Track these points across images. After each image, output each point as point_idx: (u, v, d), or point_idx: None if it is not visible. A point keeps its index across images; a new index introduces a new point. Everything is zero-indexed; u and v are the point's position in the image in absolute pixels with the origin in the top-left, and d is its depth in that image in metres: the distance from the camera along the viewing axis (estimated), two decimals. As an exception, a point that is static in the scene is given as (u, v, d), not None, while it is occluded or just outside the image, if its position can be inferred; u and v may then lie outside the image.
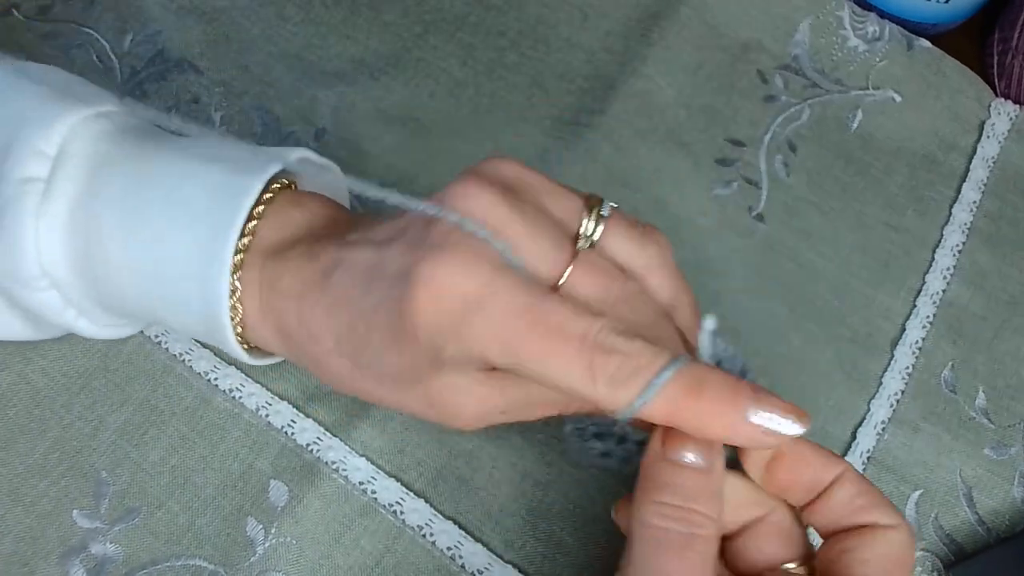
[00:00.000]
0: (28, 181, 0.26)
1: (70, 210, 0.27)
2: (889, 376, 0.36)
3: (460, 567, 0.32)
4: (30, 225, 0.26)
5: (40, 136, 0.27)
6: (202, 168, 0.27)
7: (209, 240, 0.26)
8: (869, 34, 0.43)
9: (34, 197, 0.26)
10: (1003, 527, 0.34)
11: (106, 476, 0.33)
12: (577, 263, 0.25)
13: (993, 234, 0.40)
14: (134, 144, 0.28)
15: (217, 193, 0.26)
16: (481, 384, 0.25)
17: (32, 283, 0.27)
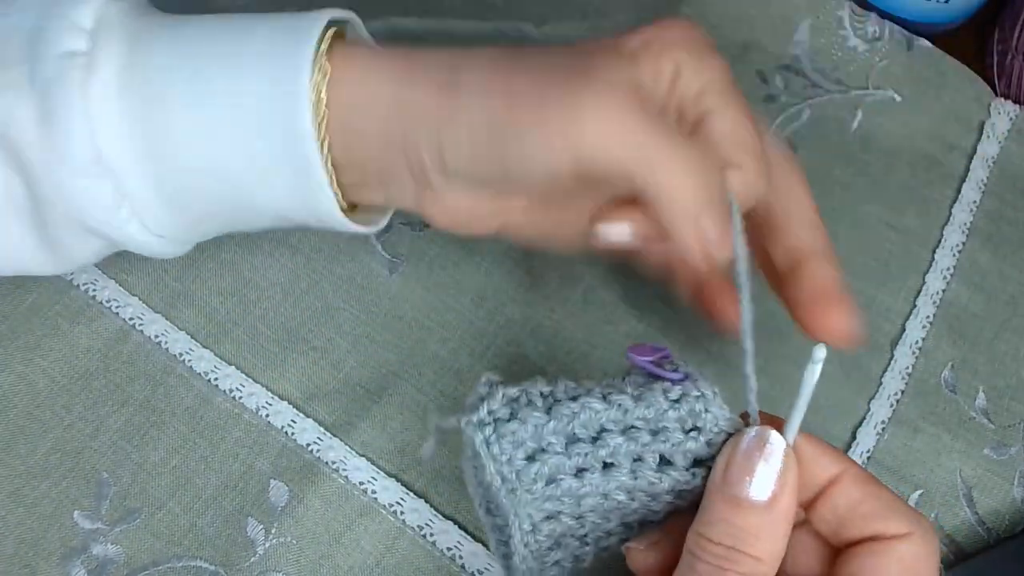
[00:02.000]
0: (69, 55, 0.25)
1: (120, 79, 0.25)
2: (889, 376, 0.36)
3: (460, 567, 0.32)
4: (77, 101, 0.25)
5: (72, 11, 0.25)
6: (253, 22, 0.26)
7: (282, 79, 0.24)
8: (869, 34, 0.43)
9: (78, 71, 0.25)
10: (1003, 527, 0.34)
11: (107, 477, 0.33)
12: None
13: (993, 234, 0.40)
14: (170, 17, 0.27)
15: (277, 42, 0.25)
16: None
17: (85, 168, 0.25)
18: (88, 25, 0.25)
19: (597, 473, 0.23)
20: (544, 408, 0.23)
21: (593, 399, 0.23)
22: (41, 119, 0.25)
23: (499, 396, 0.23)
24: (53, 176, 0.26)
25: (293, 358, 0.35)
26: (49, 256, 0.29)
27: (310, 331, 0.35)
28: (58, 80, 0.25)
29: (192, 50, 0.25)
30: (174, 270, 0.36)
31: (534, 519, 0.23)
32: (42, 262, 0.30)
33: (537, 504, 0.23)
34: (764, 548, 0.21)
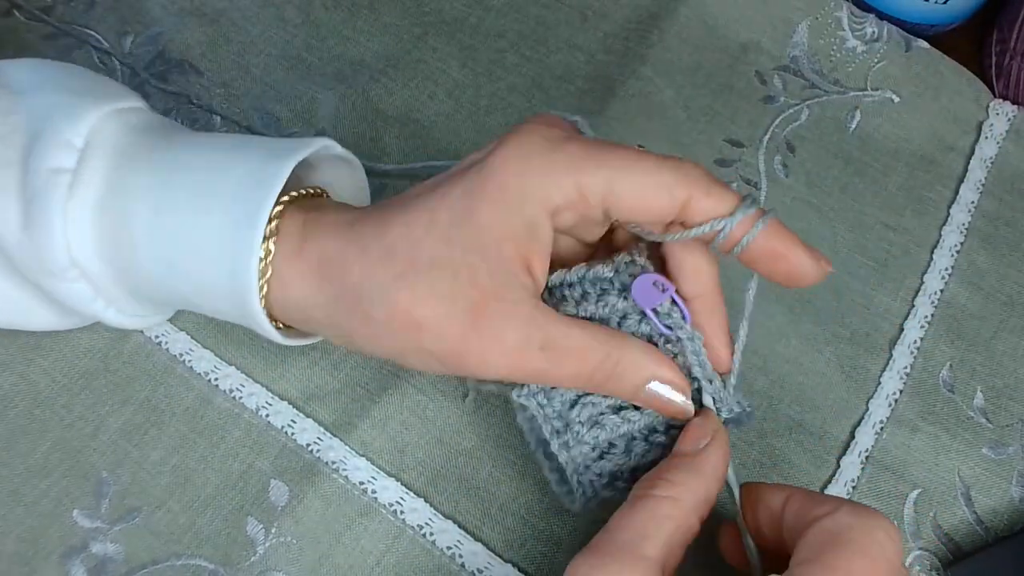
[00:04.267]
0: (56, 172, 0.27)
1: (98, 200, 0.27)
2: (887, 376, 0.36)
3: (460, 566, 0.32)
4: (58, 215, 0.27)
5: (68, 128, 0.27)
6: (228, 158, 0.27)
7: (238, 224, 0.26)
8: (867, 35, 0.43)
9: (62, 188, 0.27)
10: (1001, 526, 0.34)
11: (107, 476, 0.33)
12: None
13: (991, 234, 0.40)
14: (159, 137, 0.29)
15: (244, 180, 0.27)
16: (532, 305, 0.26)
17: (61, 273, 0.28)
18: (79, 144, 0.27)
19: (631, 410, 0.28)
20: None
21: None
22: (25, 224, 0.27)
23: None
24: (34, 274, 0.28)
25: (293, 358, 0.35)
26: (62, 319, 0.32)
27: (310, 331, 0.36)
28: (43, 193, 0.27)
29: (161, 184, 0.28)
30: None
31: (587, 461, 0.28)
32: (56, 324, 0.32)
33: (587, 448, 0.28)
34: (680, 476, 0.26)
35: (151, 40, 0.41)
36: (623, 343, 0.27)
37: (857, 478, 0.34)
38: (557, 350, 0.26)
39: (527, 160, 0.25)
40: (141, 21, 0.42)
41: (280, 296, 0.27)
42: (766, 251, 0.26)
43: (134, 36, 0.41)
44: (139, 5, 0.42)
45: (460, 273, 0.25)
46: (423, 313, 0.25)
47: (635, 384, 0.27)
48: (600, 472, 0.28)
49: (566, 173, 0.25)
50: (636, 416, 0.28)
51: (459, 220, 0.25)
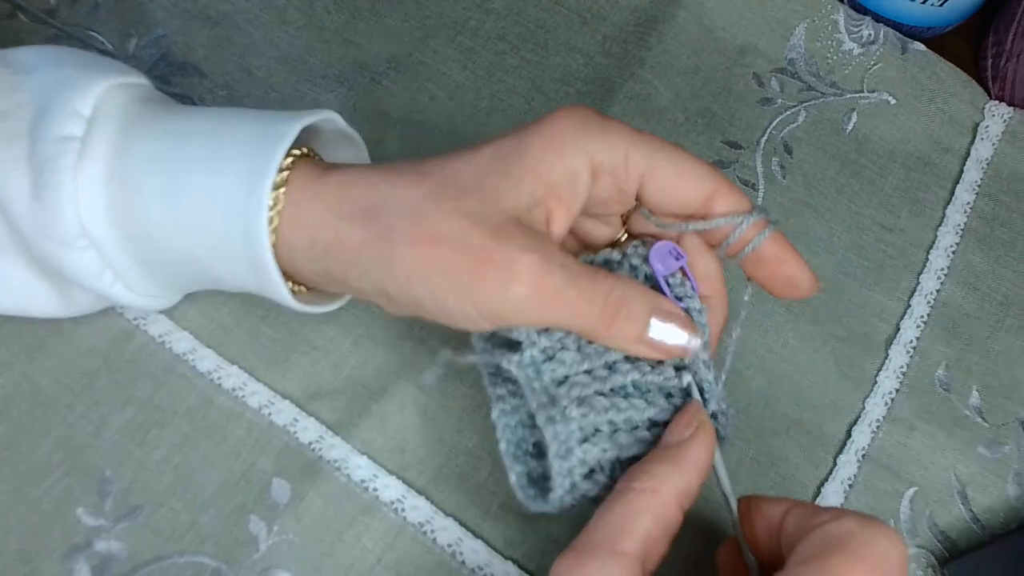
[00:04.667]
0: (65, 140, 0.27)
1: (107, 166, 0.28)
2: (884, 375, 0.37)
3: (460, 563, 0.32)
4: (68, 182, 0.27)
5: (76, 98, 0.28)
6: (235, 122, 0.28)
7: (248, 178, 0.26)
8: (864, 38, 0.44)
9: (71, 155, 0.27)
10: (997, 524, 0.34)
11: (110, 474, 0.33)
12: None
13: (986, 235, 0.40)
14: (165, 107, 0.29)
15: (252, 140, 0.27)
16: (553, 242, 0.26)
17: (71, 242, 0.28)
18: (87, 113, 0.28)
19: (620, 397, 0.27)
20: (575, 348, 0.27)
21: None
22: (33, 194, 0.27)
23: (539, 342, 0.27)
24: (41, 244, 0.28)
25: (295, 358, 0.35)
26: (60, 300, 0.32)
27: (312, 331, 0.36)
28: (53, 161, 0.27)
29: (172, 147, 0.28)
30: (177, 270, 0.36)
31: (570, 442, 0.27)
32: (54, 306, 0.32)
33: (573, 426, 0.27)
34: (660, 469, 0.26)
35: (154, 42, 0.42)
36: (628, 280, 0.27)
37: (854, 476, 0.35)
38: (572, 271, 0.26)
39: (584, 120, 0.27)
40: (144, 24, 0.42)
41: (290, 235, 0.27)
42: (771, 256, 0.28)
43: (137, 39, 0.42)
44: (142, 8, 0.42)
45: (488, 196, 0.25)
46: (447, 227, 0.25)
47: (641, 320, 0.27)
48: (582, 458, 0.27)
49: (618, 139, 0.27)
50: (624, 404, 0.27)
51: (503, 155, 0.26)
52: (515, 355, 0.27)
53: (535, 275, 0.25)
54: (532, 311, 0.26)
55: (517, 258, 0.25)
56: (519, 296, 0.25)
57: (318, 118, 0.28)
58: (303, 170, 0.27)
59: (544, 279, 0.25)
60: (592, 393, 0.27)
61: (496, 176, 0.26)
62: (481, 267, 0.25)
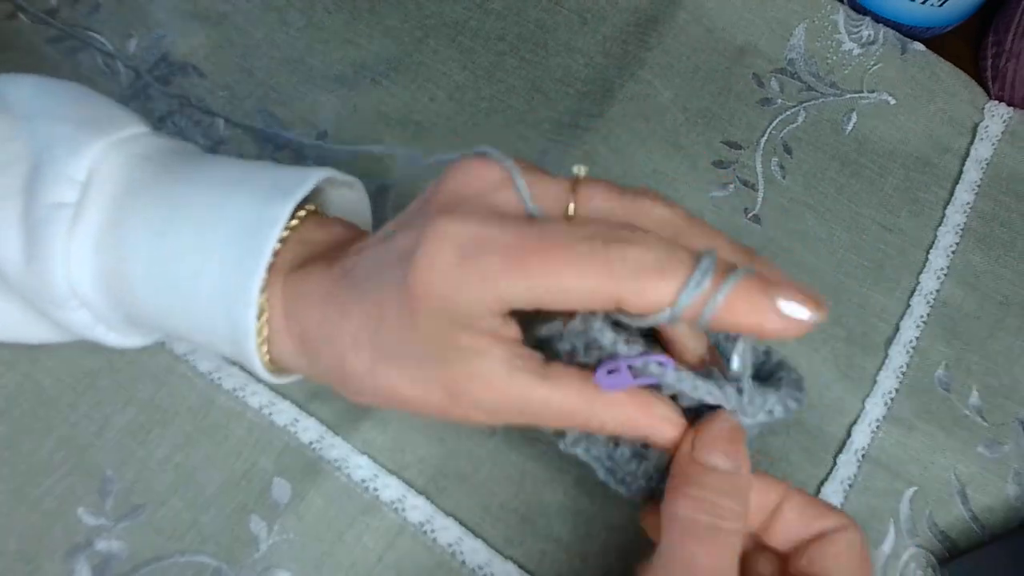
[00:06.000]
0: (58, 207, 0.27)
1: (98, 234, 0.28)
2: (884, 374, 0.37)
3: (461, 563, 0.32)
4: (60, 249, 0.27)
5: (69, 161, 0.27)
6: (228, 197, 0.27)
7: (236, 269, 0.27)
8: (864, 38, 0.44)
9: (64, 223, 0.27)
10: (997, 524, 0.34)
11: (111, 474, 0.33)
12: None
13: (986, 235, 0.40)
14: (161, 169, 0.29)
15: (244, 224, 0.27)
16: (500, 376, 0.25)
17: (62, 304, 0.28)
18: (80, 177, 0.27)
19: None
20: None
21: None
22: (27, 257, 0.27)
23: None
24: (36, 303, 0.29)
25: (295, 357, 0.35)
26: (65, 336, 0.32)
27: (312, 330, 0.36)
28: (45, 227, 0.27)
29: (165, 218, 0.28)
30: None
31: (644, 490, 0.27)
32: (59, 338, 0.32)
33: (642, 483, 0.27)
34: (740, 505, 0.25)
35: (155, 43, 0.42)
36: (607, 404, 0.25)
37: (853, 476, 0.35)
38: (537, 415, 0.25)
39: (444, 277, 0.23)
40: (145, 24, 0.42)
41: (275, 352, 0.28)
42: (739, 315, 0.22)
43: (138, 39, 0.42)
44: (143, 8, 0.42)
45: (425, 362, 0.25)
46: (407, 395, 0.26)
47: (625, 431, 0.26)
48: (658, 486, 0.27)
49: (482, 288, 0.23)
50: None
51: (405, 323, 0.25)
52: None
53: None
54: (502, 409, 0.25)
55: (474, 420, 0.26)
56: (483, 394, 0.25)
57: (314, 183, 0.28)
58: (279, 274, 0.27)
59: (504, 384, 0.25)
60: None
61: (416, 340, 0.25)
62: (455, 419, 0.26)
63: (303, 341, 0.27)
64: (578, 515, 0.33)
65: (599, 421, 0.25)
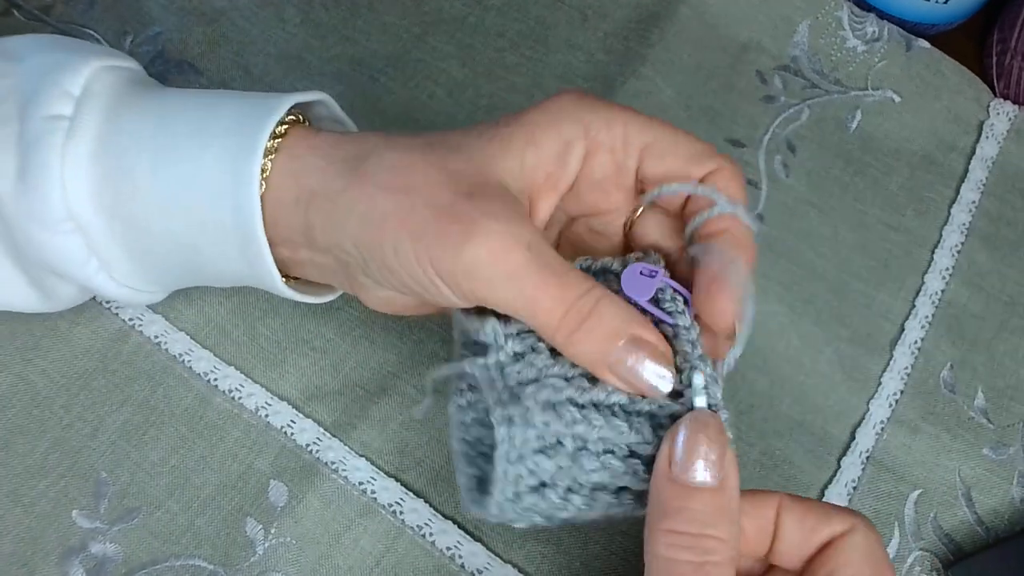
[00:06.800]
0: (53, 119, 0.27)
1: (95, 145, 0.27)
2: (888, 376, 0.36)
3: (460, 567, 0.32)
4: (55, 162, 0.27)
5: (66, 78, 0.27)
6: (223, 100, 0.28)
7: (236, 155, 0.26)
8: (868, 35, 0.43)
9: (59, 134, 0.27)
10: (1002, 527, 0.34)
11: (106, 476, 0.33)
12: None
13: (992, 234, 0.40)
14: (155, 88, 0.29)
15: (240, 115, 0.27)
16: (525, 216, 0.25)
17: (56, 225, 0.27)
18: (76, 92, 0.27)
19: (593, 411, 0.24)
20: (549, 350, 0.25)
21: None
22: (20, 175, 0.27)
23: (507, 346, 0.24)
24: (25, 227, 0.28)
25: (293, 359, 0.35)
26: (39, 295, 0.31)
27: (310, 332, 0.35)
28: (40, 140, 0.27)
29: (161, 124, 0.27)
30: (173, 270, 0.36)
31: (524, 448, 0.24)
32: (33, 301, 0.31)
33: (531, 433, 0.23)
34: (725, 529, 0.22)
35: (150, 40, 0.41)
36: (608, 292, 0.24)
37: (858, 478, 0.34)
38: (543, 257, 0.24)
39: (582, 96, 0.26)
40: (141, 21, 0.42)
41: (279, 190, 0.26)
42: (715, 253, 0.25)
43: (133, 36, 0.41)
44: (139, 5, 0.42)
45: (475, 157, 0.25)
46: (424, 179, 0.24)
47: (608, 341, 0.24)
48: (533, 469, 0.24)
49: (617, 114, 0.26)
50: (599, 421, 0.24)
51: (499, 124, 0.26)
52: (479, 359, 0.24)
53: (495, 243, 0.23)
54: (487, 283, 0.24)
55: (480, 220, 0.23)
56: (473, 259, 0.23)
57: (311, 98, 0.28)
58: (297, 129, 0.27)
59: (505, 252, 0.23)
60: (564, 400, 0.24)
61: (487, 140, 0.25)
62: (444, 222, 0.24)
63: (336, 142, 0.26)
64: (578, 518, 0.33)
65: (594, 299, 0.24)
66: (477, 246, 0.23)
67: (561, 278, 0.24)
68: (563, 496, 0.24)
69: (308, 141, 0.26)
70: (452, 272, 0.24)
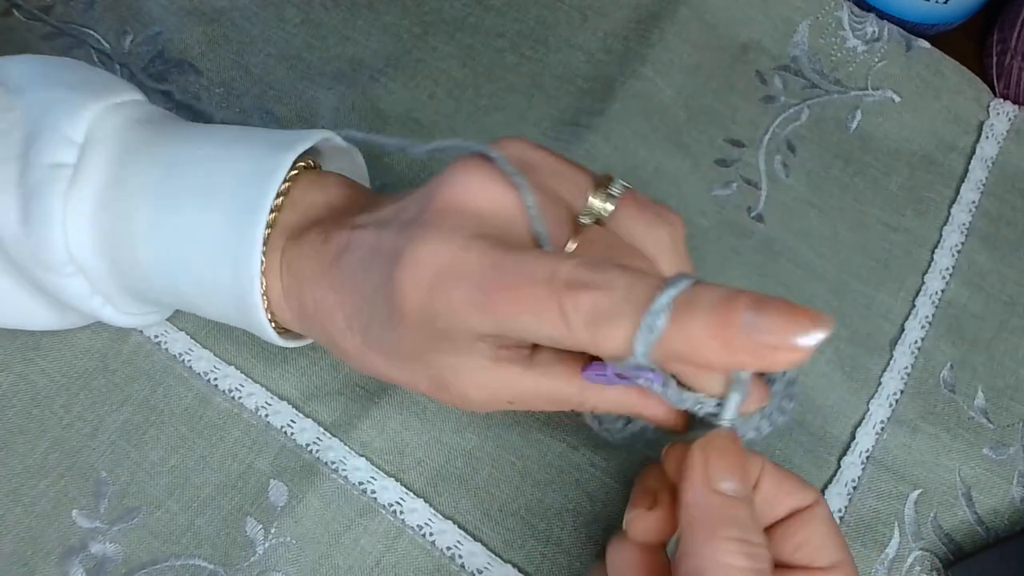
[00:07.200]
0: (57, 167, 0.27)
1: (97, 196, 0.27)
2: (888, 376, 0.36)
3: (460, 567, 0.32)
4: (58, 210, 0.27)
5: (67, 123, 0.27)
6: (228, 151, 0.27)
7: (239, 219, 0.26)
8: (868, 35, 0.43)
9: (62, 183, 0.27)
10: (1002, 527, 0.34)
11: (106, 476, 0.33)
12: (581, 240, 0.25)
13: (992, 235, 0.40)
14: (159, 131, 0.29)
15: (245, 175, 0.27)
16: (485, 370, 0.25)
17: (59, 269, 0.28)
18: (79, 139, 0.27)
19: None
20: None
21: None
22: (23, 219, 0.27)
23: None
24: (30, 269, 0.28)
25: (293, 358, 0.35)
26: (58, 317, 0.32)
27: (309, 331, 0.35)
28: (43, 188, 0.27)
29: (166, 173, 0.27)
30: (173, 270, 0.36)
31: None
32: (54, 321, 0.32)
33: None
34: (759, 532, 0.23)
35: (150, 40, 0.41)
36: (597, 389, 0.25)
37: (858, 478, 0.34)
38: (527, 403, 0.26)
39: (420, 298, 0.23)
40: (140, 21, 0.42)
41: (276, 314, 0.28)
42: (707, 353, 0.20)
43: (133, 36, 0.41)
44: (138, 5, 0.42)
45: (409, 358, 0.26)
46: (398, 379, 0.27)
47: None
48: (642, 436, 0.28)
49: (454, 319, 0.23)
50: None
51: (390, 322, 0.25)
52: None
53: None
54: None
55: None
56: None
57: (314, 141, 0.28)
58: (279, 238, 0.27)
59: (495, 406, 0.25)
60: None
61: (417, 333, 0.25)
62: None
63: (300, 313, 0.28)
64: (578, 517, 0.33)
65: (590, 404, 0.26)
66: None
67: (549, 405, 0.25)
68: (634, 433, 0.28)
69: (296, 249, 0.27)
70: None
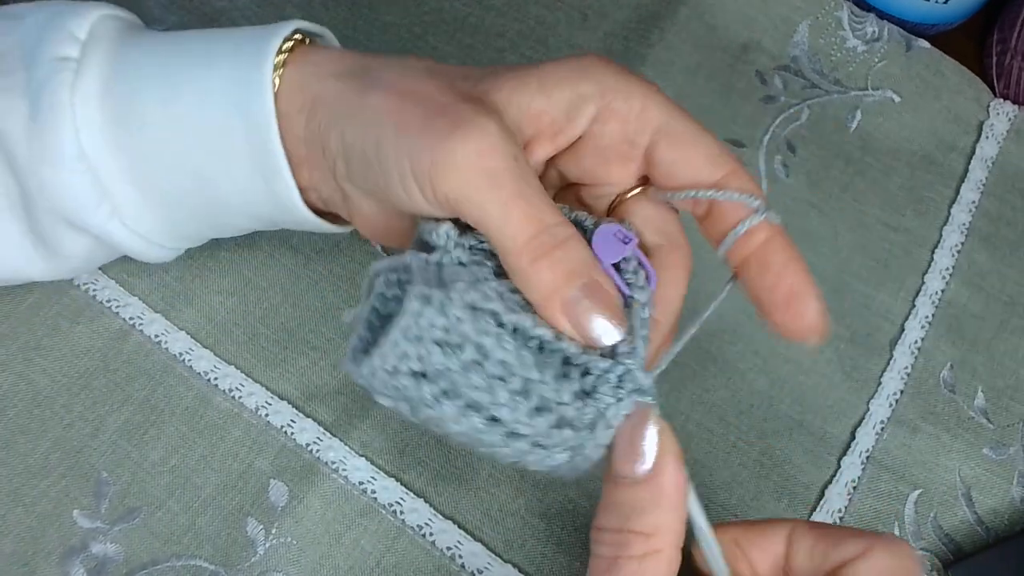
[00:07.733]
0: (61, 60, 0.27)
1: (103, 82, 0.28)
2: (888, 376, 0.36)
3: (460, 567, 0.32)
4: (66, 100, 0.27)
5: (72, 21, 0.28)
6: (226, 31, 0.28)
7: (246, 66, 0.26)
8: (868, 35, 0.43)
9: (68, 74, 0.27)
10: (1002, 527, 0.34)
11: (106, 476, 0.33)
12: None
13: (992, 234, 0.40)
14: (156, 32, 0.30)
15: (247, 40, 0.27)
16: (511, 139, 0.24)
17: (69, 164, 0.27)
18: (82, 36, 0.28)
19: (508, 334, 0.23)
20: (494, 271, 0.24)
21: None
22: (31, 116, 0.27)
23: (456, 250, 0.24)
24: (38, 171, 0.28)
25: (293, 358, 0.35)
26: (45, 257, 0.31)
27: (310, 331, 0.35)
28: (50, 81, 0.27)
29: (167, 52, 0.28)
30: (174, 270, 0.36)
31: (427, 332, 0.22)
32: (40, 267, 0.31)
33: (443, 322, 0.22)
34: (650, 522, 0.22)
35: (151, 39, 0.41)
36: (579, 234, 0.24)
37: (858, 478, 0.34)
38: (526, 174, 0.23)
39: (609, 62, 0.25)
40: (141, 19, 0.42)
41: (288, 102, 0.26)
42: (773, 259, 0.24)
43: (134, 35, 0.41)
44: (139, 3, 0.42)
45: (483, 85, 0.25)
46: (423, 87, 0.25)
47: (570, 272, 0.23)
48: (423, 356, 0.23)
49: (640, 87, 0.25)
50: (509, 344, 0.23)
51: (515, 66, 0.25)
52: (422, 253, 0.24)
53: (482, 141, 0.23)
54: (463, 181, 0.23)
55: (471, 117, 0.23)
56: (456, 151, 0.22)
57: (314, 29, 0.29)
58: (301, 47, 0.27)
59: (491, 151, 0.23)
60: (487, 309, 0.22)
61: (498, 75, 0.25)
62: (433, 116, 0.23)
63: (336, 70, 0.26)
64: (578, 517, 0.33)
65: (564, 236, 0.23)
66: (463, 138, 0.23)
67: (539, 199, 0.23)
68: (436, 396, 0.23)
69: (313, 56, 0.27)
70: (428, 170, 0.23)
